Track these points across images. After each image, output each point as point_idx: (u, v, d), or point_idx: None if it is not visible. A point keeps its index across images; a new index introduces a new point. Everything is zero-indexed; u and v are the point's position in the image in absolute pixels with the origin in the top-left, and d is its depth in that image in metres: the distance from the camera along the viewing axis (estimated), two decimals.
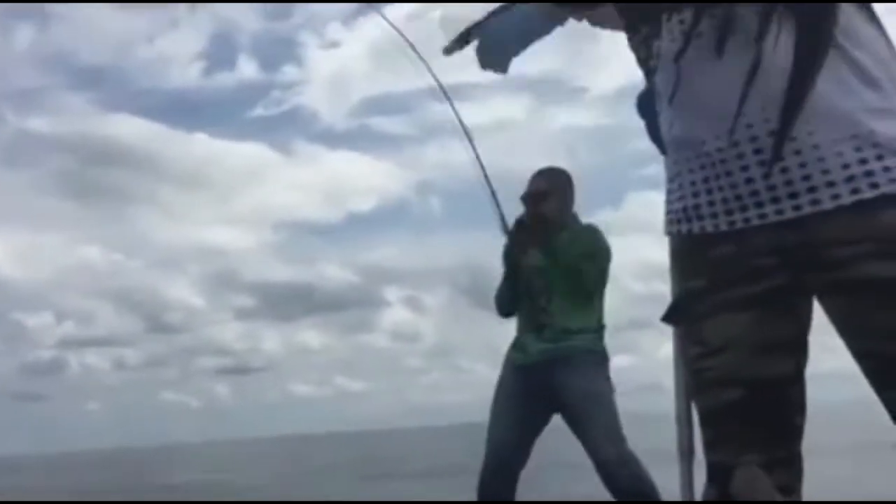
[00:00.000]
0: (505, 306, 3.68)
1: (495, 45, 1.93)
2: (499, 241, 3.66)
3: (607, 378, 3.52)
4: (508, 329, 3.74)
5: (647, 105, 1.69)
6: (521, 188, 3.75)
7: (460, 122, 3.57)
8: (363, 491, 10.92)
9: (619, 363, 4.40)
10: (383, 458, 22.04)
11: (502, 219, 3.57)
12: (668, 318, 1.64)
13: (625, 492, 3.34)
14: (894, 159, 1.37)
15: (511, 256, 3.59)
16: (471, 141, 3.57)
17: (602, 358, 3.53)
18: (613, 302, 3.76)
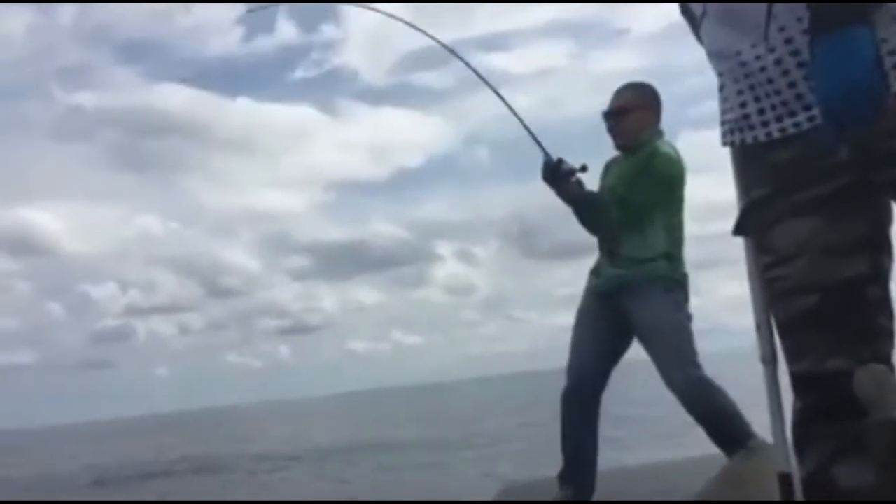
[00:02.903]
0: (587, 228, 3.57)
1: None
2: (548, 190, 3.48)
3: (678, 304, 3.43)
4: (559, 277, 3.66)
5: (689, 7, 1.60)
6: (570, 135, 3.67)
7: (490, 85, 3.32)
8: (434, 441, 11.10)
9: None
10: (449, 410, 22.21)
11: (547, 156, 3.38)
12: (737, 230, 1.60)
13: (697, 415, 3.32)
14: None
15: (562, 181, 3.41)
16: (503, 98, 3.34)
17: (673, 284, 3.42)
18: None
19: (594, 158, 3.67)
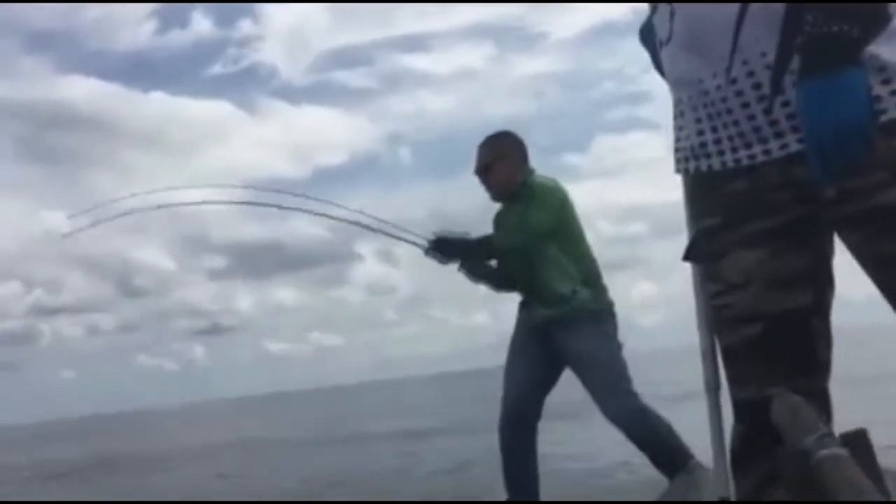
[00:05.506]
0: (498, 287, 3.71)
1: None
2: (469, 189, 3.72)
3: (607, 333, 3.56)
4: None
5: (649, 36, 1.64)
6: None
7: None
8: (343, 452, 10.73)
9: None
10: (361, 414, 21.82)
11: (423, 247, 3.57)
12: (687, 256, 1.62)
13: (638, 441, 3.46)
14: None
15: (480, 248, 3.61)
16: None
17: (598, 315, 3.54)
18: None
19: None
